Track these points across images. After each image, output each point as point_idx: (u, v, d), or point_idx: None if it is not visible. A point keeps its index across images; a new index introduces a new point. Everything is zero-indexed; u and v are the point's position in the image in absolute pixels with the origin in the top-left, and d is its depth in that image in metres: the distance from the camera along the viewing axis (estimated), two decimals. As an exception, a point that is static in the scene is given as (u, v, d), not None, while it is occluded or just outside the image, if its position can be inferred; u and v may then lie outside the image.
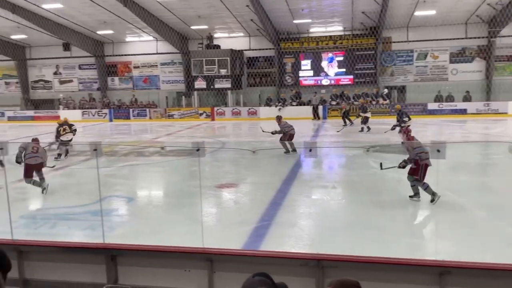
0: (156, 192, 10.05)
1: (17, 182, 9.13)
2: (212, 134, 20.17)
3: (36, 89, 30.55)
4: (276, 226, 6.71)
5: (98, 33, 26.23)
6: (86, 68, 29.46)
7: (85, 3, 20.91)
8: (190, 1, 21.06)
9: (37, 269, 3.99)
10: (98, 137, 19.00)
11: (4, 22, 23.62)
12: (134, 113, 26.59)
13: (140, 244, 4.02)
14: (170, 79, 28.61)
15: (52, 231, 6.66)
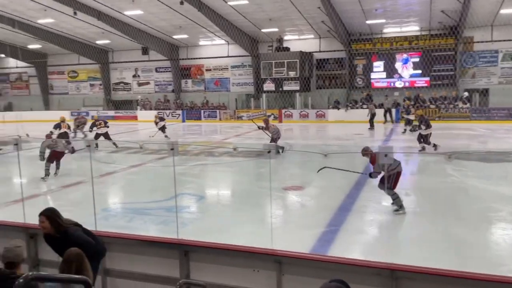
0: (225, 192, 10.28)
1: (99, 177, 9.83)
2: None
3: (117, 91, 32.70)
4: (344, 232, 6.55)
5: (174, 38, 27.47)
6: (162, 71, 30.99)
7: (162, 9, 22.01)
8: (262, 5, 21.32)
9: (117, 260, 4.25)
10: (172, 137, 19.87)
11: (91, 28, 25.59)
12: (205, 114, 27.48)
13: (211, 241, 4.12)
14: (240, 81, 29.17)
15: (129, 224, 7.06)
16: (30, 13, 22.93)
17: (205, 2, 21.53)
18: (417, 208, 8.07)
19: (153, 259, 4.19)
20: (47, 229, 3.68)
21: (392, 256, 5.51)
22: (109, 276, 4.24)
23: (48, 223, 3.65)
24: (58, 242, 3.63)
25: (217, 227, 6.90)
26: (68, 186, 9.97)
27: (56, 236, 3.68)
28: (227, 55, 28.28)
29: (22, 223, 4.60)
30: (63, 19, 23.87)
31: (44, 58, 32.92)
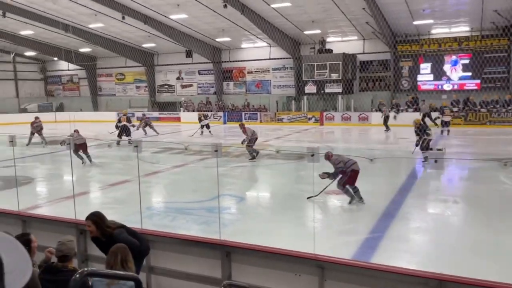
0: (265, 194, 10.28)
1: (144, 176, 10.11)
2: (320, 139, 20.00)
3: (161, 93, 33.59)
4: (388, 239, 6.37)
5: (217, 41, 27.87)
6: (205, 73, 31.52)
7: (206, 13, 22.39)
8: (305, 7, 21.21)
9: (161, 258, 4.35)
10: (213, 138, 20.16)
11: (138, 32, 26.45)
12: (246, 116, 27.66)
13: (252, 243, 4.13)
14: (281, 83, 29.15)
15: (172, 223, 7.20)
16: (81, 18, 24.03)
17: (248, 5, 21.70)
18: (467, 217, 7.72)
19: (195, 259, 4.25)
20: (93, 233, 3.82)
21: (440, 266, 5.29)
22: (153, 274, 4.34)
23: (94, 227, 3.79)
24: (105, 244, 3.76)
25: (257, 229, 6.90)
26: (114, 185, 10.33)
27: (103, 238, 3.82)
28: (269, 57, 28.34)
29: (74, 219, 4.81)
30: (112, 23, 24.84)
31: (93, 61, 34.37)
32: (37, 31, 27.10)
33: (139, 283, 2.02)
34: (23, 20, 24.27)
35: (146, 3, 21.67)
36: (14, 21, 24.49)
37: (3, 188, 9.73)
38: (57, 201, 8.54)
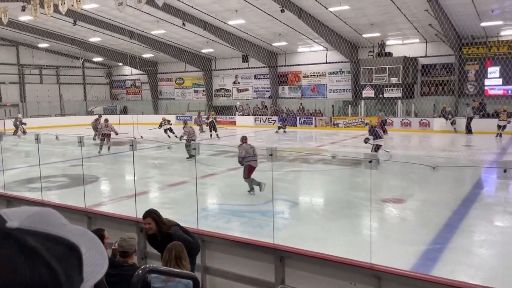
0: (319, 200, 10.14)
1: (200, 178, 10.35)
2: (378, 145, 19.37)
3: (218, 97, 34.32)
4: (450, 251, 6.04)
5: (273, 45, 28.03)
6: (261, 77, 31.79)
7: (264, 18, 22.61)
8: (364, 9, 20.76)
9: (216, 259, 4.42)
10: (268, 142, 20.24)
11: (197, 38, 27.26)
12: (301, 120, 27.51)
13: (307, 249, 4.08)
14: (337, 88, 28.69)
15: (226, 225, 7.31)
16: (145, 25, 25.17)
17: (305, 9, 21.62)
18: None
19: (249, 261, 4.27)
20: (152, 230, 3.95)
21: (507, 283, 4.93)
22: (208, 274, 4.42)
23: (154, 224, 3.92)
24: (160, 242, 3.88)
25: (311, 235, 6.82)
26: (172, 185, 10.67)
27: (159, 236, 3.94)
28: (325, 61, 28.03)
29: (135, 217, 5.02)
30: (173, 30, 25.79)
31: (155, 66, 35.89)
32: (104, 38, 28.78)
33: (197, 282, 2.07)
34: (92, 28, 25.87)
35: (206, 10, 22.28)
36: (84, 29, 26.18)
37: (71, 186, 10.39)
38: (119, 200, 8.97)
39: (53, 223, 0.57)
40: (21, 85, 33.60)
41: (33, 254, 0.52)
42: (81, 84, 37.87)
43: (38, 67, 33.75)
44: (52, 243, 0.54)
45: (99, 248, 0.63)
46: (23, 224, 0.54)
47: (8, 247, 0.52)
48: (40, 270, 0.51)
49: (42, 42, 30.50)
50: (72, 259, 0.56)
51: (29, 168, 11.95)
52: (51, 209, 0.60)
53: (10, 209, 0.57)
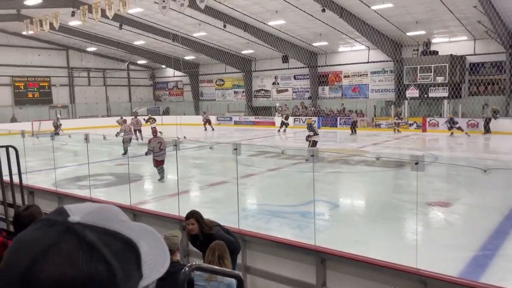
0: (360, 202, 9.94)
1: (240, 178, 10.41)
2: (422, 146, 18.78)
3: (258, 98, 34.46)
4: (501, 258, 5.74)
5: (314, 45, 27.80)
6: (300, 78, 31.61)
7: (304, 18, 22.47)
8: (408, 7, 20.17)
9: (256, 259, 4.43)
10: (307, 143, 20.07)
11: (237, 39, 27.51)
12: (341, 121, 27.09)
13: (349, 252, 4.01)
14: (380, 88, 28.04)
15: (266, 225, 7.31)
16: (187, 27, 25.67)
17: (347, 8, 21.29)
18: None
19: (290, 262, 4.25)
20: (195, 231, 4.01)
21: None
22: (248, 273, 4.44)
23: (197, 225, 3.98)
24: (202, 242, 3.94)
25: (352, 238, 6.70)
26: (213, 185, 10.82)
27: (200, 237, 4.00)
28: (367, 60, 27.46)
29: (177, 215, 5.13)
30: (214, 32, 26.17)
31: (196, 68, 36.55)
32: (148, 41, 29.66)
33: (241, 281, 2.08)
34: (137, 31, 26.74)
35: (246, 11, 22.43)
36: (129, 32, 27.09)
37: (117, 184, 10.77)
38: (162, 198, 9.20)
39: (112, 219, 0.59)
40: (70, 88, 35.24)
41: (91, 248, 0.53)
42: (126, 86, 39.22)
43: (86, 70, 35.27)
44: (110, 238, 0.56)
45: (161, 246, 0.64)
46: (84, 218, 0.56)
47: (67, 240, 0.53)
48: (96, 264, 0.53)
49: (90, 46, 31.85)
50: (129, 255, 0.56)
51: (78, 167, 12.49)
52: (113, 206, 0.62)
53: (74, 204, 0.60)
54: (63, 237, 0.54)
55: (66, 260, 0.52)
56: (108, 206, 0.62)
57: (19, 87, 31.99)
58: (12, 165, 4.58)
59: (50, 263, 0.52)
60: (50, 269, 0.52)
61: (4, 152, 4.62)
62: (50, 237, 0.54)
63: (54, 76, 33.69)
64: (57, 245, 0.53)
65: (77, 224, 0.55)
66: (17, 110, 30.86)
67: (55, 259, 0.52)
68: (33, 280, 0.52)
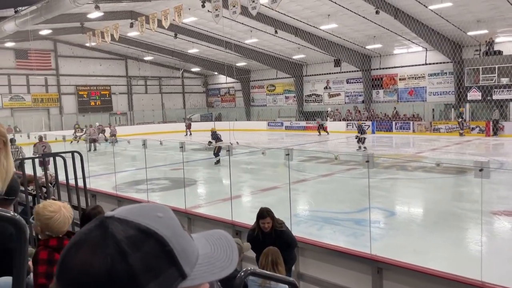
0: (418, 210, 9.52)
1: (292, 184, 10.34)
2: (486, 152, 17.70)
3: (309, 102, 34.20)
4: None
5: (367, 48, 27.17)
6: (353, 82, 31.00)
7: (357, 20, 22.04)
8: (469, 6, 19.18)
9: (310, 266, 4.36)
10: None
11: (288, 44, 27.51)
12: (397, 126, 26.20)
13: (408, 262, 3.83)
14: (438, 90, 26.82)
15: (319, 232, 7.19)
16: (239, 35, 26.07)
17: (402, 9, 20.62)
18: None
19: (343, 271, 4.15)
20: (268, 229, 4.03)
21: None
22: (302, 280, 4.38)
23: (271, 223, 4.01)
24: (268, 240, 3.92)
25: (410, 247, 6.42)
26: (265, 190, 10.84)
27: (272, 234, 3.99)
28: (425, 62, 26.37)
29: (230, 220, 5.17)
30: (265, 38, 26.36)
31: (247, 74, 36.98)
32: (201, 49, 30.45)
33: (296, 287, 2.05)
34: (190, 40, 27.54)
35: (298, 16, 22.39)
36: (184, 41, 27.96)
37: (172, 188, 11.10)
38: (215, 202, 9.34)
39: (148, 215, 0.60)
40: (129, 95, 36.95)
41: (111, 239, 0.57)
42: (180, 93, 40.49)
43: (143, 78, 36.84)
44: (137, 231, 0.58)
45: (228, 252, 0.65)
46: (119, 213, 0.60)
47: (95, 231, 0.58)
48: (114, 257, 0.55)
49: (147, 55, 33.25)
50: (155, 249, 0.57)
51: (136, 171, 13.02)
52: (158, 204, 0.65)
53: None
54: (93, 229, 0.58)
55: (90, 249, 0.56)
56: (151, 204, 0.64)
57: (83, 96, 34.03)
58: (77, 170, 4.86)
59: (79, 250, 0.57)
60: (78, 256, 0.56)
61: (70, 157, 4.91)
62: (86, 228, 0.59)
63: (114, 84, 35.51)
64: (87, 235, 0.58)
65: (110, 217, 0.59)
66: (80, 117, 32.81)
67: (83, 248, 0.57)
68: (64, 265, 0.57)
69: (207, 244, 0.64)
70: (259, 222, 4.12)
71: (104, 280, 0.55)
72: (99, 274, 0.55)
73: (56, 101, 32.84)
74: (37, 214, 2.22)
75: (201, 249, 0.63)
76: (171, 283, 0.58)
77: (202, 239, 0.66)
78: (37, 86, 31.37)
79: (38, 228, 2.21)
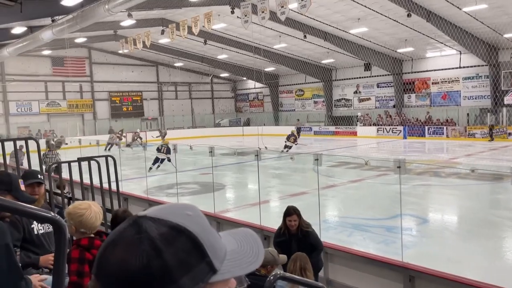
0: (452, 217, 9.23)
1: (321, 189, 10.25)
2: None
3: (338, 107, 33.86)
4: None
5: (398, 51, 26.68)
6: (384, 86, 30.48)
7: (388, 23, 21.70)
8: (505, 7, 18.54)
9: (339, 272, 4.30)
10: (391, 154, 19.22)
11: (317, 49, 27.36)
12: (430, 131, 25.55)
13: (441, 270, 3.72)
14: (473, 94, 25.99)
15: (349, 239, 7.09)
16: (268, 40, 26.16)
17: (434, 11, 20.15)
18: None
19: (374, 279, 4.07)
20: (294, 228, 4.02)
21: None
22: (331, 287, 4.32)
23: (298, 221, 4.00)
24: (294, 240, 3.90)
25: (443, 256, 6.23)
26: (293, 195, 10.79)
27: (299, 234, 3.97)
28: (459, 66, 25.65)
29: (259, 224, 5.18)
30: (294, 42, 26.32)
31: (276, 79, 37.01)
32: (230, 55, 30.73)
33: (325, 294, 2.03)
34: (220, 46, 27.85)
35: (327, 20, 22.26)
36: (213, 47, 28.31)
37: (202, 192, 11.21)
38: (243, 207, 9.37)
39: (178, 213, 0.63)
40: (159, 101, 37.68)
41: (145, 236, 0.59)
42: (209, 99, 40.96)
43: (173, 84, 37.50)
44: (168, 228, 0.60)
45: (254, 248, 0.68)
46: (150, 213, 0.62)
47: (129, 230, 0.61)
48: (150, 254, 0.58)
49: (177, 62, 33.85)
50: (186, 245, 0.60)
51: (166, 175, 13.24)
52: (189, 203, 0.68)
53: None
54: (127, 227, 0.61)
55: (126, 247, 0.59)
56: (180, 203, 0.68)
57: (115, 101, 34.95)
58: (110, 173, 4.99)
59: (116, 249, 0.59)
60: (114, 255, 0.59)
61: (104, 161, 5.05)
62: (120, 228, 0.62)
63: (145, 90, 36.32)
64: (121, 234, 0.61)
65: (143, 217, 0.62)
66: (113, 122, 33.69)
67: (119, 247, 0.59)
68: (102, 263, 0.60)
69: (234, 241, 0.67)
70: (286, 220, 4.14)
71: (141, 276, 0.57)
72: (136, 270, 0.57)
73: (90, 107, 33.87)
74: (69, 215, 2.30)
75: (228, 246, 0.66)
76: (202, 277, 0.60)
77: (228, 237, 0.69)
78: (72, 92, 32.46)
79: (73, 228, 2.28)
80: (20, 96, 30.22)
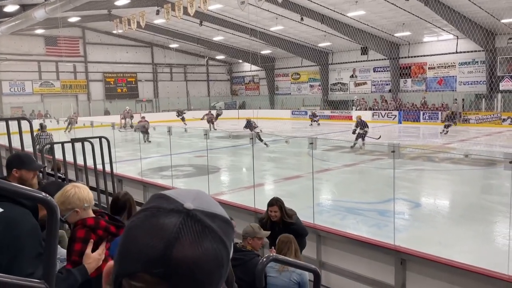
0: (444, 202, 9.33)
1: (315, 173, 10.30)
2: (517, 144, 17.12)
3: (334, 91, 33.77)
4: None
5: (395, 36, 26.51)
6: (380, 70, 30.39)
7: (385, 7, 21.50)
8: (503, -9, 18.42)
9: (331, 255, 4.35)
10: (386, 139, 19.26)
11: (314, 32, 27.13)
12: (425, 116, 25.61)
13: (433, 254, 3.77)
14: (469, 80, 26.00)
15: (342, 222, 7.16)
16: (264, 22, 25.87)
17: (432, -5, 20.00)
18: None
19: (366, 261, 4.12)
20: (277, 218, 4.05)
21: None
22: (323, 269, 4.38)
23: (279, 212, 4.02)
24: (282, 230, 3.95)
25: (435, 239, 6.32)
26: (288, 179, 10.84)
27: (280, 225, 4.01)
28: (455, 51, 25.56)
29: (253, 207, 5.21)
30: (291, 25, 26.06)
31: (272, 62, 36.73)
32: (226, 37, 30.40)
33: (318, 275, 2.05)
34: (216, 27, 27.52)
35: (324, 2, 22.02)
36: (209, 28, 27.98)
37: (196, 175, 11.23)
38: (238, 190, 9.41)
39: (211, 202, 0.66)
40: (154, 83, 37.38)
41: (210, 231, 0.61)
42: (205, 81, 40.67)
43: (169, 66, 37.14)
44: (218, 220, 0.63)
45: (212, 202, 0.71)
46: (196, 205, 0.63)
47: (191, 225, 0.61)
48: (218, 245, 0.61)
49: (172, 43, 33.46)
50: (231, 232, 0.65)
51: (160, 158, 13.23)
52: (201, 190, 0.68)
53: (170, 190, 0.66)
54: (187, 222, 0.61)
55: (195, 242, 0.59)
56: (197, 190, 0.68)
57: (110, 83, 34.62)
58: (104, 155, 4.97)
59: (184, 245, 0.59)
60: (185, 249, 0.59)
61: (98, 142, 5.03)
62: (176, 223, 0.60)
63: (140, 72, 35.96)
64: (184, 229, 0.60)
65: (193, 210, 0.62)
66: (107, 104, 33.43)
67: (187, 241, 0.59)
68: (172, 259, 0.58)
69: None
70: (268, 210, 4.19)
71: (215, 267, 0.61)
72: (213, 265, 0.61)
73: (84, 88, 33.54)
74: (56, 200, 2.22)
75: None
76: None
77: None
78: (66, 72, 32.09)
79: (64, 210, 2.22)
80: (13, 76, 29.83)
